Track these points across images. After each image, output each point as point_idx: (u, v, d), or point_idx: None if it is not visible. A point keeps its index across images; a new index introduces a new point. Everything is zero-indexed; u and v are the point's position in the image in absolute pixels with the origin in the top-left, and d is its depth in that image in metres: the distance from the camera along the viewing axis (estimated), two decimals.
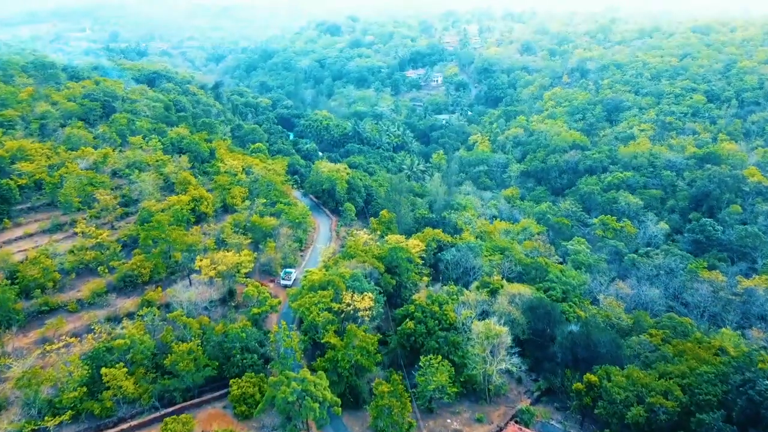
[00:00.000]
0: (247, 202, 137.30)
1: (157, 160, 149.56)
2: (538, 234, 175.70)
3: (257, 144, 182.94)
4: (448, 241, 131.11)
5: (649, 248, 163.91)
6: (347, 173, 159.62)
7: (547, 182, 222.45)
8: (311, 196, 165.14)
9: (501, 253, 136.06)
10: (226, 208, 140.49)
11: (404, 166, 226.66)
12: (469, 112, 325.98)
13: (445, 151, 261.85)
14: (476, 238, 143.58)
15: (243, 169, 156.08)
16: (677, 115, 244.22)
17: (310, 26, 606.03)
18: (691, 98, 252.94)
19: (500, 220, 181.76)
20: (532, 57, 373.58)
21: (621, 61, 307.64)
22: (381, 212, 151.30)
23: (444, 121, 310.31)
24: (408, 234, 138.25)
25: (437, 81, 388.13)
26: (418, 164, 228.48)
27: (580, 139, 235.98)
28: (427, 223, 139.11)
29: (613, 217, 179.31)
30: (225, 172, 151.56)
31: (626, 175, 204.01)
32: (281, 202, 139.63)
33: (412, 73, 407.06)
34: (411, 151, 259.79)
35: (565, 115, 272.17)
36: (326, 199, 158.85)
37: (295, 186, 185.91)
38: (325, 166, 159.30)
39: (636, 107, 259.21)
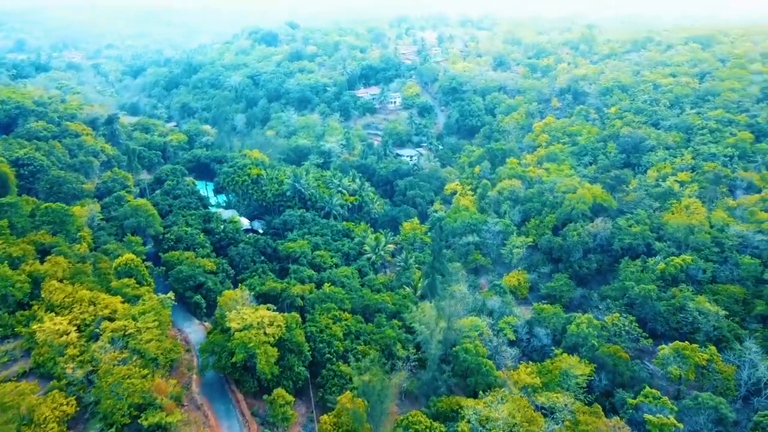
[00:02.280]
0: None
1: None
2: (583, 378, 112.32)
3: (127, 256, 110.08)
4: None
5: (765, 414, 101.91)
6: (279, 327, 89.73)
7: (568, 264, 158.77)
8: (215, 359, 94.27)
9: None
10: None
11: (366, 249, 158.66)
12: (440, 146, 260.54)
13: (420, 214, 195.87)
14: None
15: (83, 328, 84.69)
16: (720, 158, 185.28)
17: (243, 34, 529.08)
18: (733, 135, 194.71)
19: (524, 362, 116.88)
20: (509, 74, 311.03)
21: (626, 83, 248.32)
22: (341, 401, 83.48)
23: (410, 161, 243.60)
24: None
25: (395, 103, 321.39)
26: (385, 244, 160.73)
27: (602, 197, 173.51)
28: None
29: (694, 345, 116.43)
30: (44, 342, 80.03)
31: (685, 260, 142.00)
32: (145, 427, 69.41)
33: (364, 93, 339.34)
34: (372, 214, 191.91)
35: (570, 157, 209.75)
36: (241, 376, 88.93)
37: (195, 315, 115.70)
38: (234, 317, 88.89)
39: (661, 146, 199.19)
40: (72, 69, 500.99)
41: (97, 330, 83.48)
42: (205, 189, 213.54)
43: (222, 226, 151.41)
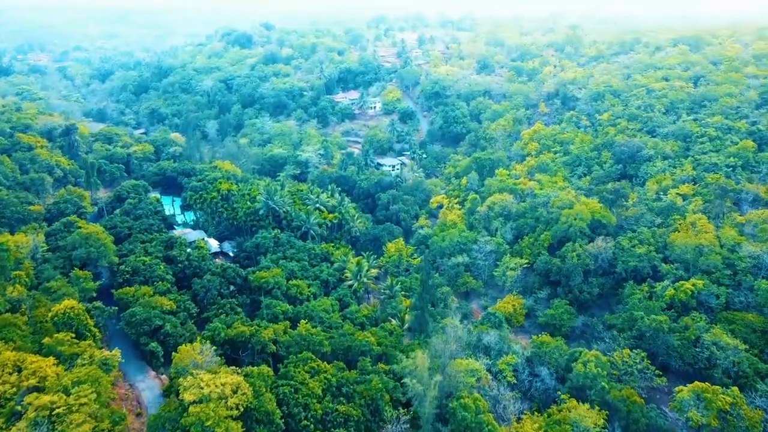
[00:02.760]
0: None
1: None
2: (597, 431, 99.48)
3: (66, 303, 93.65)
4: None
5: None
6: (244, 395, 74.92)
7: (567, 288, 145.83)
8: None
9: None
10: None
11: (347, 275, 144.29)
12: (423, 155, 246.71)
13: (405, 230, 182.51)
14: None
15: (3, 402, 68.99)
16: (722, 169, 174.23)
17: (217, 36, 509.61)
18: (734, 143, 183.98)
19: (527, 410, 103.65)
20: (494, 77, 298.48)
21: (617, 87, 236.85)
22: None
23: (392, 171, 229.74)
24: None
25: (375, 108, 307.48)
26: (368, 270, 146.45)
27: (600, 212, 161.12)
28: None
29: (716, 387, 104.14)
30: None
31: (696, 286, 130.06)
32: None
33: (342, 97, 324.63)
34: (353, 232, 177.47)
35: (563, 167, 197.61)
36: None
37: (151, 365, 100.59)
38: (189, 386, 73.86)
39: (659, 156, 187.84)
40: (36, 73, 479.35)
41: (19, 407, 68.03)
42: (171, 206, 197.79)
43: (186, 254, 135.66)
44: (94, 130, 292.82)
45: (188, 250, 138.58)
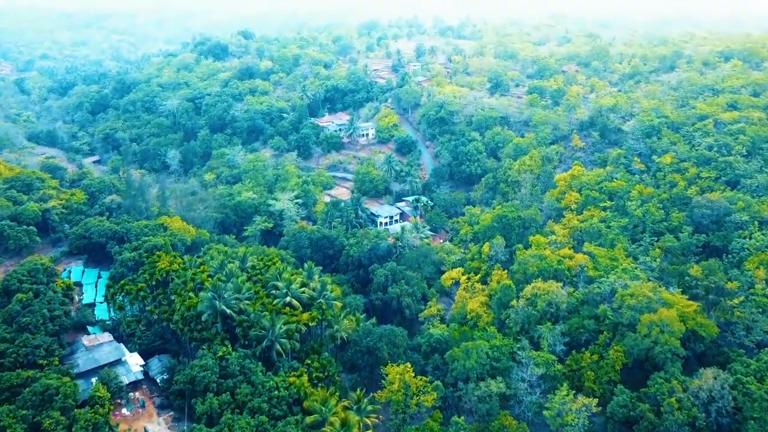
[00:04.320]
0: None
1: None
2: None
3: None
4: None
5: None
6: None
7: None
8: None
9: None
10: None
11: None
12: (429, 203, 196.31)
13: (408, 323, 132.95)
14: None
15: None
16: None
17: (193, 43, 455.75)
18: None
19: None
20: (510, 99, 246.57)
21: (674, 119, 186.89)
22: None
23: (389, 227, 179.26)
24: None
25: (368, 135, 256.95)
26: (360, 427, 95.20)
27: (693, 319, 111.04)
28: None
29: None
30: None
31: None
32: None
33: (328, 121, 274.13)
34: (338, 338, 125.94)
35: (621, 234, 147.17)
36: None
37: None
38: None
39: (754, 220, 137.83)
40: None
41: None
42: (95, 287, 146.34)
43: (67, 420, 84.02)
44: (34, 161, 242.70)
45: (71, 413, 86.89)
